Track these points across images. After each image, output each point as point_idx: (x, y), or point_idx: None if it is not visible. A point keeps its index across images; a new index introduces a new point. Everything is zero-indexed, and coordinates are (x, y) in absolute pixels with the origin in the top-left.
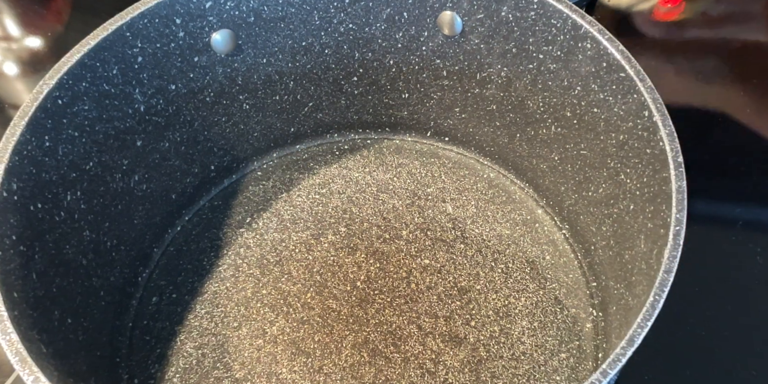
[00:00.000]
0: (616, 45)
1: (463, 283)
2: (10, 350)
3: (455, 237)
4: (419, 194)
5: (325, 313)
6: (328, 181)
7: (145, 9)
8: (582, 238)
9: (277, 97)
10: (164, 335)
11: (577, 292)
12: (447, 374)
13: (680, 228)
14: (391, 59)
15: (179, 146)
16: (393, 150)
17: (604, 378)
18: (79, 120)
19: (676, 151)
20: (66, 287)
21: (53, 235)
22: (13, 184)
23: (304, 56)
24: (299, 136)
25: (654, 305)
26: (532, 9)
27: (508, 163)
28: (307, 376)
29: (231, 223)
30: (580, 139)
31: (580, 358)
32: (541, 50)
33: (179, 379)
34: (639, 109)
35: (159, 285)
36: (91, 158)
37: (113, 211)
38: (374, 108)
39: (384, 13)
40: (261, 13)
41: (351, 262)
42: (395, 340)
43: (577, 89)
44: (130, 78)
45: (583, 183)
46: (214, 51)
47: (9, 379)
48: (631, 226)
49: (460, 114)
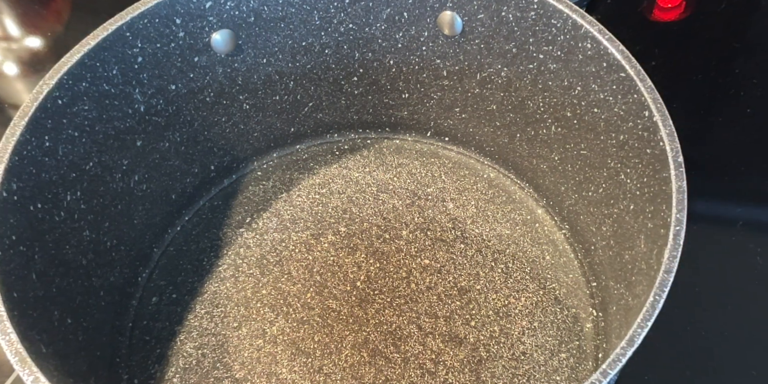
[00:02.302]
0: (616, 45)
1: (463, 283)
2: (10, 350)
3: (455, 237)
4: (419, 194)
5: (325, 313)
6: (328, 181)
7: (145, 9)
8: (582, 238)
9: (277, 97)
10: (164, 335)
11: (577, 292)
12: (447, 374)
13: (680, 228)
14: (391, 59)
15: (179, 146)
16: (393, 150)
17: (604, 378)
18: (79, 120)
19: (676, 151)
20: (66, 287)
21: (53, 235)
22: (13, 184)
23: (304, 56)
24: (299, 136)
25: (654, 305)
26: (532, 9)
27: (508, 163)
28: (307, 376)
29: (231, 223)
30: (580, 139)
31: (580, 358)
32: (541, 50)
33: (179, 379)
34: (639, 109)
35: (159, 285)
36: (91, 158)
37: (113, 211)
38: (374, 108)
39: (384, 13)
40: (261, 13)
41: (351, 262)
42: (395, 340)
43: (577, 89)
44: (130, 78)
45: (583, 183)
46: (214, 51)
47: (9, 379)
48: (631, 226)
49: (460, 114)
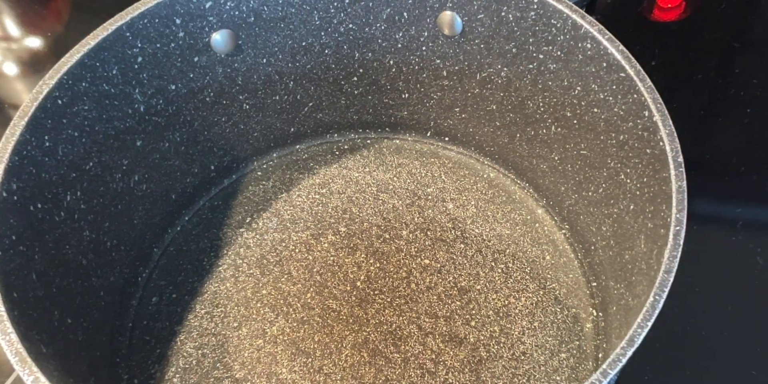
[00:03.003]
0: (616, 45)
1: (463, 283)
2: (10, 350)
3: (455, 237)
4: (419, 194)
5: (325, 313)
6: (328, 181)
7: (145, 9)
8: (582, 238)
9: (277, 97)
10: (164, 335)
11: (577, 292)
12: (447, 374)
13: (680, 228)
14: (391, 59)
15: (179, 146)
16: (393, 150)
17: (605, 378)
18: (79, 120)
19: (676, 151)
20: (66, 287)
21: (53, 235)
22: (13, 184)
23: (304, 56)
24: (299, 136)
25: (654, 305)
26: (532, 9)
27: (508, 163)
28: (307, 376)
29: (231, 223)
30: (580, 139)
31: (580, 358)
32: (541, 50)
33: (179, 379)
34: (639, 109)
35: (159, 285)
36: (91, 158)
37: (113, 211)
38: (374, 108)
39: (384, 13)
40: (261, 13)
41: (351, 262)
42: (395, 340)
43: (577, 89)
44: (130, 78)
45: (583, 183)
46: (214, 51)
47: (9, 379)
48: (631, 226)
49: (460, 114)
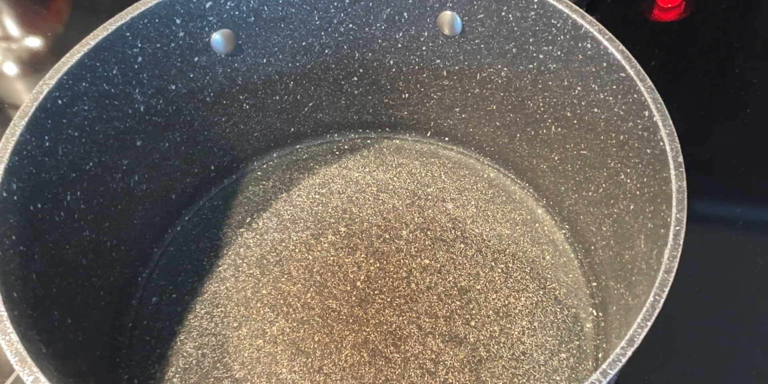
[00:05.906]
0: (616, 45)
1: (463, 283)
2: (10, 350)
3: (455, 237)
4: (419, 194)
5: (325, 313)
6: (328, 181)
7: (145, 9)
8: (582, 238)
9: (277, 97)
10: (164, 335)
11: (577, 292)
12: (447, 374)
13: (680, 228)
14: (391, 59)
15: (179, 146)
16: (393, 150)
17: (604, 378)
18: (79, 120)
19: (676, 151)
20: (66, 287)
21: (53, 235)
22: (13, 184)
23: (304, 56)
24: (299, 136)
25: (654, 305)
26: (532, 9)
27: (508, 163)
28: (307, 376)
29: (231, 223)
30: (580, 139)
31: (580, 358)
32: (541, 50)
33: (179, 379)
34: (639, 109)
35: (159, 285)
36: (91, 158)
37: (113, 211)
38: (374, 108)
39: (384, 13)
40: (261, 13)
41: (351, 262)
42: (395, 340)
43: (577, 89)
44: (130, 78)
45: (583, 183)
46: (214, 51)
47: (9, 379)
48: (631, 226)
49: (460, 114)
